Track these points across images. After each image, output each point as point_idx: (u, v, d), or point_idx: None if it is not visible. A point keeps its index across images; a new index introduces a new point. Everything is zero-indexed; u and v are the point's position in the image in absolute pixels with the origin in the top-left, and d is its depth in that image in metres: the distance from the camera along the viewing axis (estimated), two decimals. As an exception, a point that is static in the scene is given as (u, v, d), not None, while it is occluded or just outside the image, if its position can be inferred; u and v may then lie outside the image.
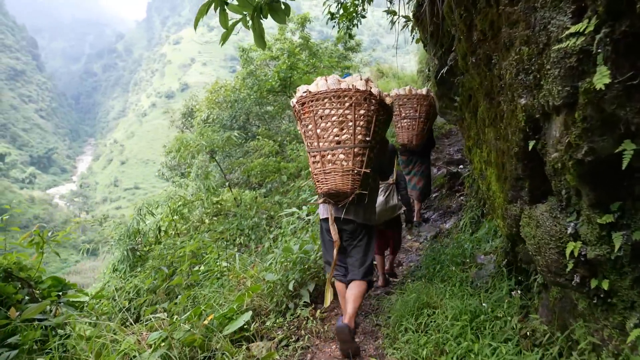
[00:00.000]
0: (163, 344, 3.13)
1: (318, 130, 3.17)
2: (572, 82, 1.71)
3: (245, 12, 2.45)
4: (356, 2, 6.55)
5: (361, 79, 3.23)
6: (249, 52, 17.53)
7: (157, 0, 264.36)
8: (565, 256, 2.06)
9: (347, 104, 3.09)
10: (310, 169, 3.37)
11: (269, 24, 2.67)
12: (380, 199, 4.48)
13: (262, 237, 8.11)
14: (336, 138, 3.13)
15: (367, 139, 3.16)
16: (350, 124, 3.10)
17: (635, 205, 1.76)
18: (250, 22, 2.46)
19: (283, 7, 2.51)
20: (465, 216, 6.03)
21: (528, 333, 2.63)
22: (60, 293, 4.02)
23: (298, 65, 14.19)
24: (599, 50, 1.55)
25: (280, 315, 4.11)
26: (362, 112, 3.10)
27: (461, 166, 8.35)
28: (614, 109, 1.56)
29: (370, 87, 3.20)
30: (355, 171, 3.11)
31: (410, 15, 4.64)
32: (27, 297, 3.63)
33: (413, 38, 5.26)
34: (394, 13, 5.18)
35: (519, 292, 2.96)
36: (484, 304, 3.18)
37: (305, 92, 3.26)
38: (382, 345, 3.54)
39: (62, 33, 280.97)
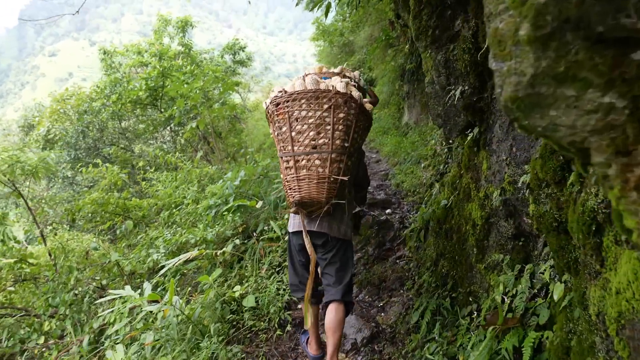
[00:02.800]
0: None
1: (293, 134, 2.86)
2: None
3: None
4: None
5: (341, 81, 2.93)
6: (113, 56, 14.21)
7: (32, 7, 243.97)
8: None
9: (325, 106, 2.80)
10: (282, 176, 3.04)
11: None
12: None
13: (84, 321, 5.05)
14: (312, 142, 2.83)
15: (346, 144, 2.84)
16: (329, 127, 2.81)
17: None
18: None
19: None
20: (420, 302, 3.60)
21: None
22: None
23: (172, 72, 11.22)
24: None
25: None
26: (341, 115, 2.82)
27: (388, 210, 6.00)
28: None
29: (351, 91, 2.88)
30: (332, 179, 2.81)
31: None
32: None
33: None
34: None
35: None
36: None
37: (281, 91, 2.93)
38: None
39: None
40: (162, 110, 11.46)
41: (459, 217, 3.42)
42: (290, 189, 2.94)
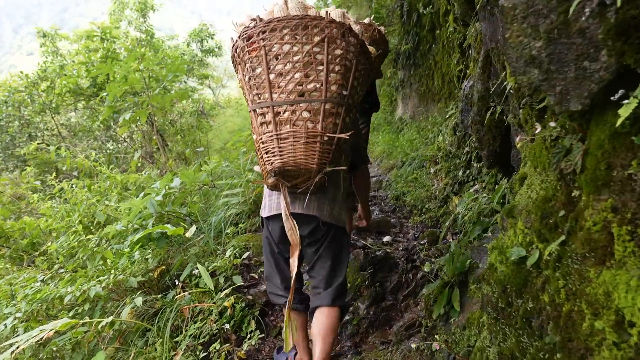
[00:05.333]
0: None
1: (272, 76, 2.03)
2: None
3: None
4: None
5: (336, 9, 2.21)
6: (55, 40, 12.18)
7: (9, 5, 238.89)
8: None
9: (316, 39, 2.00)
10: (253, 137, 2.16)
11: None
12: None
13: None
14: (299, 87, 2.01)
15: (344, 92, 2.06)
16: (321, 67, 2.00)
17: None
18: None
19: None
20: None
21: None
22: None
23: (119, 56, 9.27)
24: None
25: None
26: (338, 52, 2.04)
27: (387, 237, 4.11)
28: None
29: (349, 23, 2.12)
30: (326, 138, 2.00)
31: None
32: None
33: None
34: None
35: None
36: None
37: (254, 19, 2.11)
38: None
39: None
40: (104, 100, 9.54)
41: (567, 294, 1.54)
42: (267, 154, 2.10)
